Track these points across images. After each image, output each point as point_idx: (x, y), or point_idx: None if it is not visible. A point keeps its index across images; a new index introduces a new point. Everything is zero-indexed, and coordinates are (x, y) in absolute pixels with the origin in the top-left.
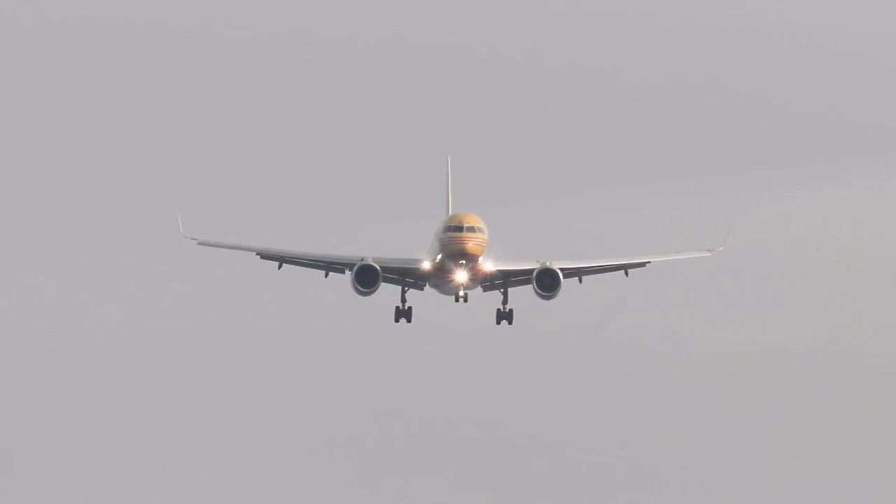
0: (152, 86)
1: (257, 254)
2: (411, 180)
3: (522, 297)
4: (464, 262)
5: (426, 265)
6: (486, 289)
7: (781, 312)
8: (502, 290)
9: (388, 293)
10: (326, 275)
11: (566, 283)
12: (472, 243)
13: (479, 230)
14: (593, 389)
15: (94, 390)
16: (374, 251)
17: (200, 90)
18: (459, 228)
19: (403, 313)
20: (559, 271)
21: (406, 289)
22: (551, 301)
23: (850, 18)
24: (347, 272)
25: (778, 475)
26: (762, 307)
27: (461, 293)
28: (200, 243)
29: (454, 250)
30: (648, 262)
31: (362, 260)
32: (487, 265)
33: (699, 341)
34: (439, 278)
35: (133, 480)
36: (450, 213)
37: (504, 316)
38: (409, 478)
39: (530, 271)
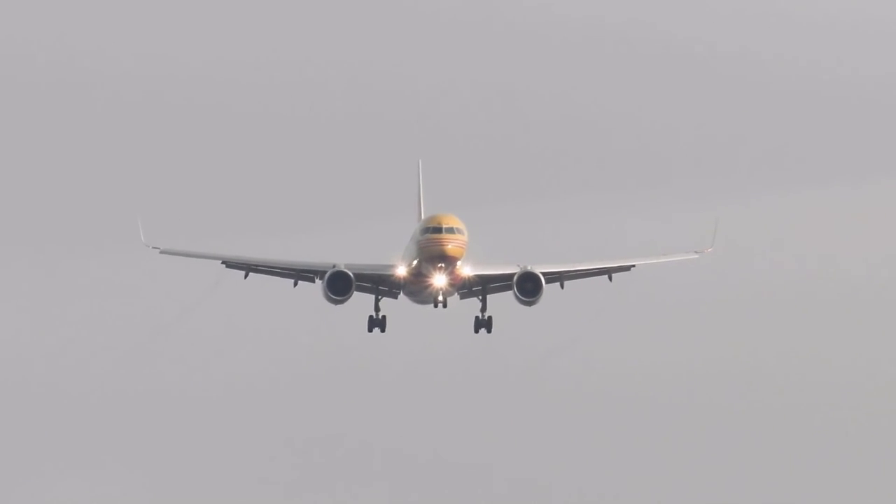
0: (112, 94)
1: (223, 262)
2: (380, 185)
3: (502, 304)
4: (443, 265)
5: (401, 271)
6: (463, 296)
7: (775, 319)
8: (481, 296)
9: (360, 302)
10: (295, 283)
11: (547, 289)
12: (451, 245)
13: (459, 231)
14: (575, 403)
15: (57, 404)
16: (344, 259)
17: (163, 97)
18: (438, 230)
19: (377, 323)
20: (541, 275)
21: (379, 297)
22: (532, 307)
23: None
24: (318, 280)
25: (772, 491)
26: (755, 314)
27: (440, 298)
28: (163, 252)
29: (433, 253)
30: (633, 266)
31: (334, 266)
32: (466, 270)
33: (688, 350)
34: (416, 284)
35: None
36: (422, 218)
37: (483, 324)
38: (378, 496)
39: (510, 276)
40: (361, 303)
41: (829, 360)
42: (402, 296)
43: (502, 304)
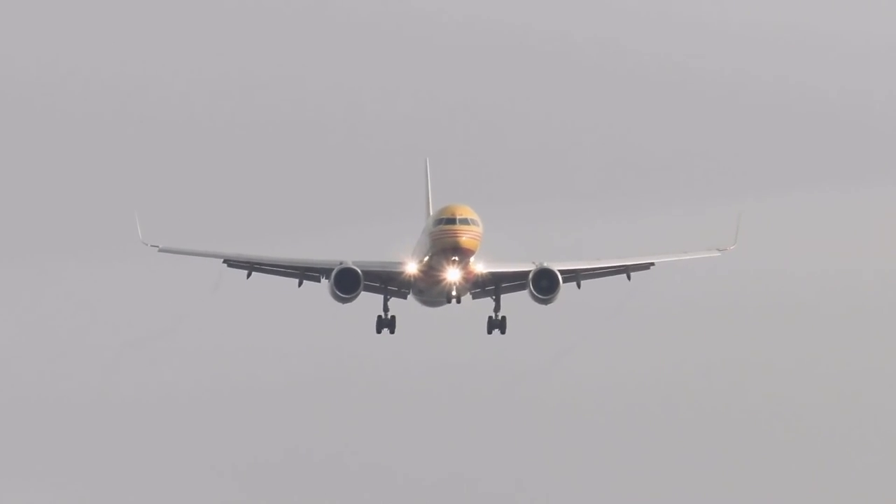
0: (111, 90)
1: (224, 261)
2: (387, 184)
3: (516, 304)
4: (456, 258)
5: (412, 267)
6: (476, 295)
7: (799, 318)
8: (494, 296)
9: (369, 302)
10: (300, 283)
11: (564, 288)
12: (466, 237)
13: (474, 223)
14: (592, 407)
15: (51, 405)
16: (350, 258)
17: (165, 93)
18: (452, 220)
19: (386, 323)
20: (558, 272)
21: (388, 297)
22: (548, 306)
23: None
24: (324, 279)
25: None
26: (779, 312)
27: (453, 293)
28: (162, 250)
29: (446, 244)
30: (653, 264)
31: (341, 263)
32: (479, 267)
33: (711, 351)
34: (427, 280)
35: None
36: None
37: (496, 325)
38: (386, 502)
39: (525, 273)
40: (370, 303)
41: (856, 360)
42: (410, 297)
43: (517, 304)
